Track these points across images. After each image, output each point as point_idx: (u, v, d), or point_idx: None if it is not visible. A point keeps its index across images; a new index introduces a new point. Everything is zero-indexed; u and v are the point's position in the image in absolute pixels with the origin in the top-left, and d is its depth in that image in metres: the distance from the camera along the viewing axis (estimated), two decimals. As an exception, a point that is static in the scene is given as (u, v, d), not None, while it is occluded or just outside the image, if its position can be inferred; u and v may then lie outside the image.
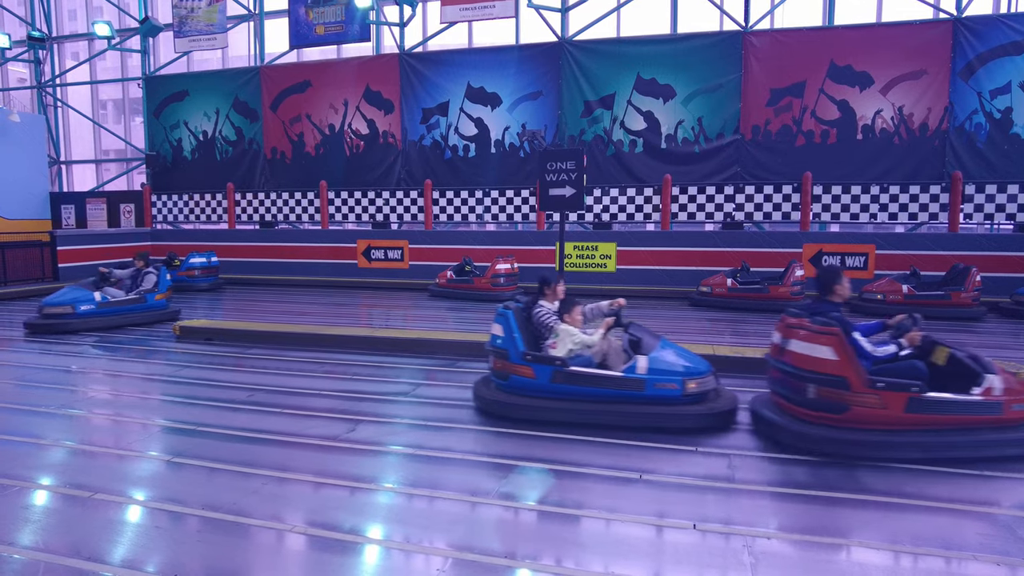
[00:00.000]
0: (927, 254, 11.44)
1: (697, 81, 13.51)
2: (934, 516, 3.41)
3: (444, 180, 14.96)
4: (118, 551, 3.07)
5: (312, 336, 7.87)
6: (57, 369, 6.87)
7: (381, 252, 14.62)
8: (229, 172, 16.78)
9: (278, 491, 3.72)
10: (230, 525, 3.30)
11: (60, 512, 3.51)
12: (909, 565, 2.95)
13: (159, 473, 4.04)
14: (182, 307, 10.34)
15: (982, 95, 12.22)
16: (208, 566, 2.93)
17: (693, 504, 3.52)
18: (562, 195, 6.69)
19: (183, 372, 6.63)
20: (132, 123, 21.39)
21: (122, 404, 5.63)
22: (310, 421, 4.98)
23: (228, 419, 5.03)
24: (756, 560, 2.95)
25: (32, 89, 19.19)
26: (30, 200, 16.81)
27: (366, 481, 3.86)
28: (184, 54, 17.35)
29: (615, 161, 14.09)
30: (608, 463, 4.08)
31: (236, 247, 15.65)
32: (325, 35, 15.44)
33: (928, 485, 3.78)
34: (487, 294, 11.70)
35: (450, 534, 3.21)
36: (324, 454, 4.32)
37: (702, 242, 12.65)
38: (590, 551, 3.06)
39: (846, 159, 12.89)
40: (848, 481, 3.81)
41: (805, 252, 12.09)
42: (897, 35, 12.56)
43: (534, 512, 3.48)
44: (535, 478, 3.94)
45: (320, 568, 2.95)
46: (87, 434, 4.87)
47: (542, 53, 14.37)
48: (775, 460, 4.16)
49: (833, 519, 3.37)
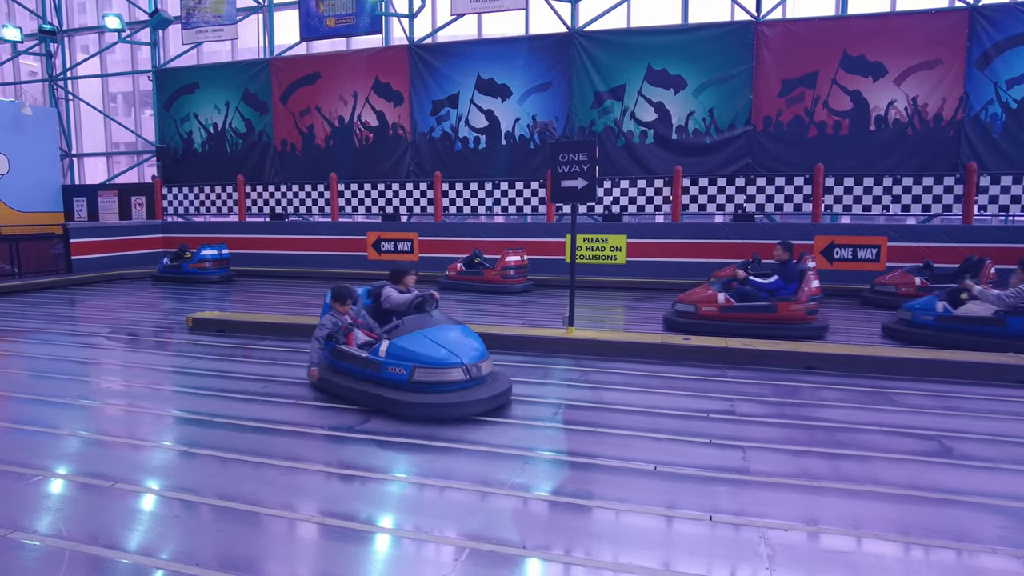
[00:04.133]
0: (940, 246, 11.31)
1: (708, 72, 13.39)
2: (950, 508, 3.37)
3: (454, 172, 14.94)
4: (134, 539, 3.10)
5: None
6: (71, 360, 6.93)
7: (391, 244, 14.63)
8: (239, 164, 16.82)
9: (291, 481, 3.74)
10: (244, 514, 3.32)
11: (78, 500, 3.55)
12: (925, 557, 2.93)
13: (174, 463, 4.07)
14: (193, 299, 10.37)
15: (998, 85, 12.05)
16: (222, 554, 2.95)
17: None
18: (574, 187, 6.65)
19: (196, 363, 6.67)
20: (142, 116, 21.47)
21: (136, 395, 5.68)
22: (323, 412, 5.00)
23: (241, 410, 5.06)
24: (773, 552, 2.94)
25: (44, 82, 19.28)
26: (43, 193, 16.91)
27: (379, 471, 3.88)
28: (194, 46, 17.37)
29: (625, 152, 14.01)
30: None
31: (247, 239, 15.71)
32: (336, 27, 15.41)
33: (943, 478, 3.75)
34: (497, 286, 11.69)
35: (463, 524, 3.22)
36: (337, 444, 4.34)
37: (713, 234, 12.57)
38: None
39: (859, 150, 12.75)
40: (863, 473, 3.80)
41: (817, 244, 12.00)
42: (911, 24, 12.38)
43: (546, 503, 3.48)
44: (549, 469, 3.94)
45: (333, 557, 2.96)
46: (103, 424, 4.91)
47: (552, 44, 14.29)
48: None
49: (848, 511, 3.35)
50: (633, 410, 5.01)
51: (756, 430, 4.56)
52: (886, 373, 6.01)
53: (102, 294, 12.25)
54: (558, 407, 5.11)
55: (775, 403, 5.23)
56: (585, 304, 10.22)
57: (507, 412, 4.95)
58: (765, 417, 4.86)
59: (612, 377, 6.03)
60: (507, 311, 9.93)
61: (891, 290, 10.01)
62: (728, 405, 5.13)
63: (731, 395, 5.40)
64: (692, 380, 5.88)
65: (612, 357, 6.71)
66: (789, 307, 7.47)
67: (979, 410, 5.04)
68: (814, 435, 4.46)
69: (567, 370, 6.32)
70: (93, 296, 12.01)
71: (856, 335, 8.04)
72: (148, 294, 12.22)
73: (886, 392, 5.48)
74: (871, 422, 4.70)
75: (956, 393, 5.48)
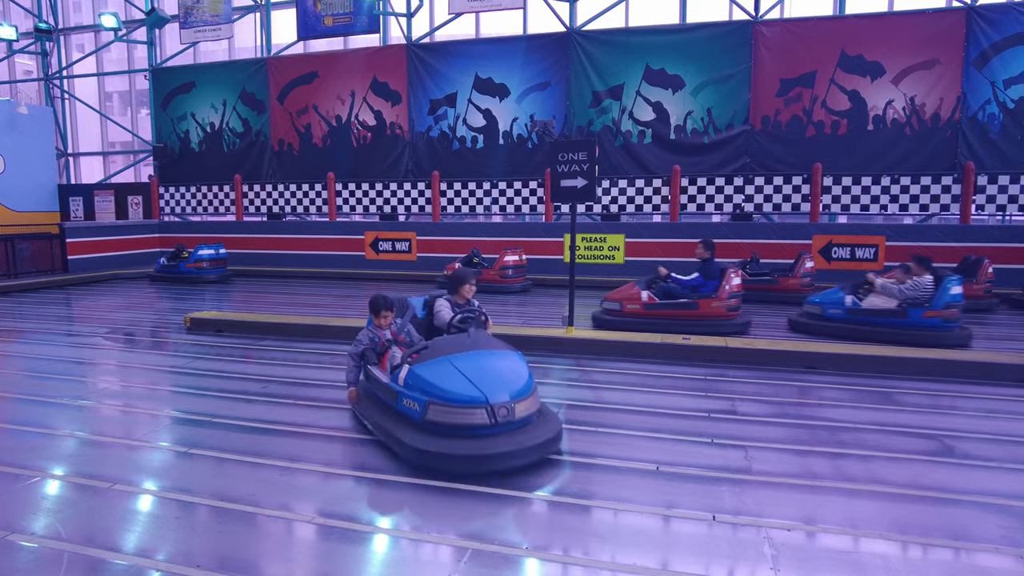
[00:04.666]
0: (938, 245, 11.33)
1: (706, 71, 13.39)
2: (952, 508, 3.36)
3: (452, 171, 14.91)
4: (131, 539, 3.07)
5: (322, 328, 7.86)
6: (68, 360, 6.88)
7: (389, 244, 14.61)
8: (237, 164, 16.77)
9: (290, 481, 3.71)
10: (242, 515, 3.29)
11: (75, 502, 3.51)
12: (928, 556, 2.92)
13: (172, 463, 4.04)
14: (191, 299, 10.34)
15: (996, 85, 12.07)
16: (220, 555, 2.92)
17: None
18: (574, 186, 6.63)
19: (194, 364, 6.63)
20: (139, 115, 21.40)
21: (134, 395, 5.64)
22: (323, 412, 4.97)
23: (240, 410, 5.03)
24: (777, 551, 2.92)
25: (39, 81, 19.20)
26: (39, 192, 16.85)
27: (379, 471, 3.85)
28: (190, 45, 17.32)
29: (624, 152, 14.00)
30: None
31: (244, 239, 15.67)
32: (334, 27, 15.38)
33: (946, 477, 3.74)
34: (495, 286, 11.66)
35: (463, 525, 3.19)
36: (337, 445, 4.31)
37: (711, 233, 12.55)
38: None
39: (857, 150, 12.76)
40: (866, 472, 3.78)
41: (815, 243, 12.01)
42: (909, 24, 12.40)
43: (546, 503, 3.46)
44: (549, 470, 3.91)
45: (332, 558, 2.94)
46: (100, 425, 4.87)
47: (550, 43, 14.27)
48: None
49: (851, 510, 3.34)
50: (634, 410, 4.99)
51: (758, 429, 4.54)
52: (886, 372, 6.01)
53: (99, 294, 12.20)
54: (559, 407, 5.08)
55: (776, 402, 5.21)
56: (584, 304, 10.19)
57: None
58: (767, 416, 4.84)
59: (613, 377, 6.02)
60: (506, 311, 9.91)
61: (890, 289, 10.00)
62: (729, 405, 5.11)
63: (732, 395, 5.38)
64: (693, 380, 5.87)
65: (612, 357, 6.69)
66: (710, 304, 7.64)
67: (979, 409, 5.03)
68: (816, 434, 4.45)
69: (567, 370, 6.30)
70: (90, 296, 11.95)
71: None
72: (145, 294, 12.17)
73: (887, 391, 5.47)
74: (872, 421, 4.69)
75: (956, 392, 5.47)
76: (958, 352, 6.45)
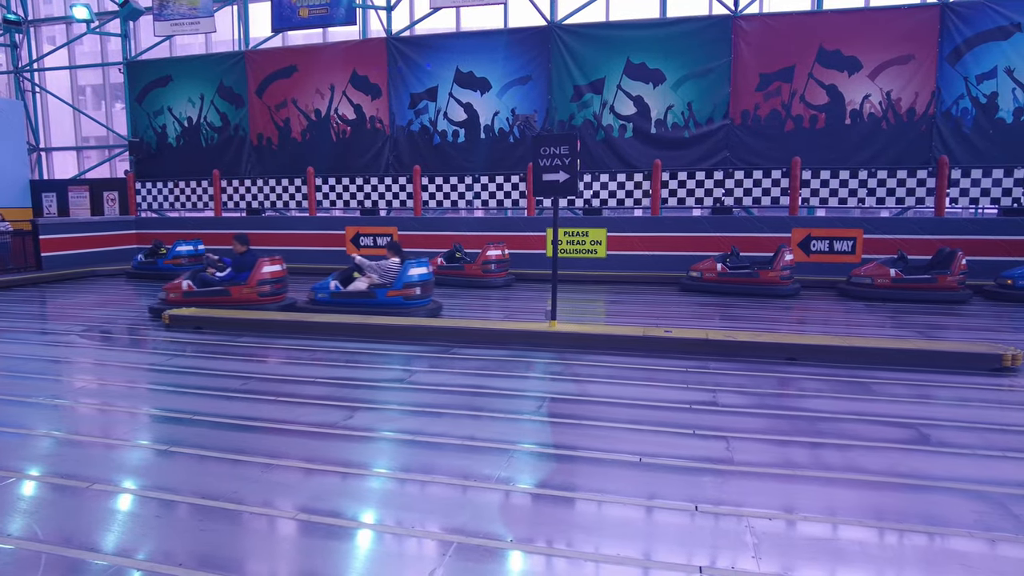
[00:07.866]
0: (914, 238, 11.53)
1: (687, 66, 13.46)
2: (929, 494, 3.43)
3: (433, 166, 14.84)
4: (110, 539, 3.03)
5: (303, 324, 7.80)
6: (46, 359, 6.76)
7: (370, 239, 14.51)
8: (215, 159, 16.54)
9: (272, 478, 3.69)
10: (224, 512, 3.26)
11: (53, 502, 3.46)
12: (904, 542, 2.97)
13: (151, 462, 3.99)
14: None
15: (968, 80, 12.28)
16: (202, 553, 2.90)
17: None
18: (556, 180, 6.64)
19: (173, 361, 6.54)
20: (113, 109, 21.01)
21: (112, 393, 5.55)
22: (304, 408, 4.93)
23: (221, 407, 4.98)
24: (759, 540, 2.96)
25: (9, 74, 18.76)
26: (10, 188, 16.51)
27: (361, 467, 3.84)
28: (166, 38, 17.00)
29: (605, 146, 14.03)
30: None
31: (223, 235, 15.45)
32: (309, 18, 15.19)
33: (922, 464, 3.81)
34: (478, 280, 11.65)
35: (447, 518, 3.19)
36: (319, 441, 4.29)
37: (692, 227, 12.66)
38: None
39: (835, 144, 12.92)
40: (844, 461, 3.85)
41: (794, 236, 12.15)
42: (886, 20, 12.56)
43: (530, 495, 3.47)
44: (533, 463, 3.93)
45: (316, 554, 2.92)
46: (77, 424, 4.80)
47: (531, 37, 14.24)
48: (769, 441, 4.18)
49: (831, 499, 3.39)
50: (617, 402, 5.02)
51: (739, 420, 4.60)
52: (864, 363, 6.10)
53: (74, 291, 11.98)
54: (542, 400, 5.10)
55: (757, 394, 5.28)
56: (567, 298, 10.23)
57: (491, 406, 4.93)
58: (747, 407, 4.90)
59: (595, 370, 6.04)
60: (489, 305, 9.91)
61: (867, 281, 10.19)
62: (711, 396, 5.17)
63: (713, 386, 5.44)
64: (674, 372, 5.91)
65: (595, 350, 6.72)
66: (242, 290, 8.99)
67: (953, 398, 5.14)
68: (796, 424, 4.51)
69: (550, 363, 6.32)
70: (65, 293, 11.74)
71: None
72: (123, 291, 11.97)
73: (865, 382, 5.56)
74: (851, 411, 4.77)
75: (931, 382, 5.58)
76: (932, 343, 6.56)
